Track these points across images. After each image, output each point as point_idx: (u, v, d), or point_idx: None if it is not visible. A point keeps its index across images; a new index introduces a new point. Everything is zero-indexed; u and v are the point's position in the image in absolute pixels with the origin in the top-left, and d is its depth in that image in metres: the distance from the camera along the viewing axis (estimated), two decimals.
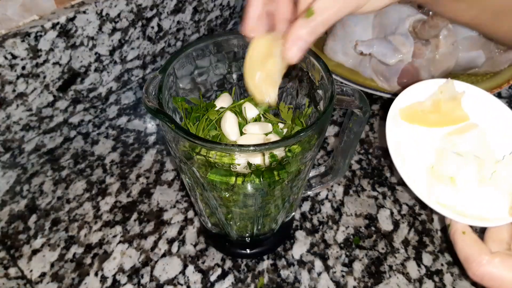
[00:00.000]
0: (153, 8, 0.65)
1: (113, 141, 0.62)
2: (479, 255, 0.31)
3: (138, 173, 0.58)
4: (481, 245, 0.32)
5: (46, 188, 0.56)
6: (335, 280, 0.49)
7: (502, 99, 0.70)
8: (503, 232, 0.33)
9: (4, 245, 0.51)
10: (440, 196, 0.33)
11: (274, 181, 0.38)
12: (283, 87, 0.47)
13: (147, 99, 0.35)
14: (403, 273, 0.50)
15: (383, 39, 0.61)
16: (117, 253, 0.51)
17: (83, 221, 0.53)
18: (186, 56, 0.40)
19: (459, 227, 0.33)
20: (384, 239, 0.53)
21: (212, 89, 0.46)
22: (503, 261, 0.30)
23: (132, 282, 0.48)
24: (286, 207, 0.45)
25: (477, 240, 0.33)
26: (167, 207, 0.55)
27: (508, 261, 0.30)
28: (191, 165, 0.37)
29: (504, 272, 0.30)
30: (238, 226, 0.46)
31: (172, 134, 0.36)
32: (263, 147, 0.33)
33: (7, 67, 0.53)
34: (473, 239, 0.32)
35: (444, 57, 0.61)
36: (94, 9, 0.58)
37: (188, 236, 0.52)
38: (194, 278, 0.49)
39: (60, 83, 0.60)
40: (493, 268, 0.30)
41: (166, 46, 0.72)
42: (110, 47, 0.63)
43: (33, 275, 0.48)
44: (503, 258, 0.31)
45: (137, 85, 0.71)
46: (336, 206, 0.56)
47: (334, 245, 0.52)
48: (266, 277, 0.49)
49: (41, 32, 0.54)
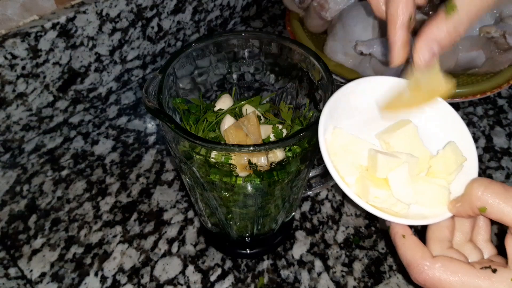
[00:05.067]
0: (153, 8, 0.65)
1: (113, 141, 0.62)
2: (420, 260, 0.31)
3: (138, 173, 0.58)
4: (422, 249, 0.31)
5: (46, 188, 0.56)
6: (335, 280, 0.49)
7: (502, 99, 0.70)
8: (444, 230, 0.33)
9: (4, 245, 0.51)
10: (376, 198, 0.32)
11: (274, 181, 0.38)
12: (283, 87, 0.47)
13: (147, 99, 0.35)
14: (403, 273, 0.50)
15: (383, 39, 0.61)
16: (117, 253, 0.51)
17: (83, 221, 0.53)
18: (186, 56, 0.40)
19: (399, 230, 0.33)
20: (384, 239, 0.53)
21: (212, 89, 0.46)
22: (444, 266, 0.30)
23: (132, 282, 0.48)
24: (286, 207, 0.45)
25: (418, 243, 0.32)
26: (167, 207, 0.55)
27: (449, 266, 0.30)
28: (191, 165, 0.37)
29: (446, 278, 0.30)
30: (238, 226, 0.46)
31: (172, 134, 0.36)
32: (263, 147, 0.33)
33: (7, 67, 0.53)
34: (414, 242, 0.32)
35: (444, 57, 0.61)
36: (94, 9, 0.58)
37: (188, 236, 0.52)
38: (194, 278, 0.49)
39: (60, 83, 0.60)
40: (435, 274, 0.30)
41: (166, 46, 0.72)
42: (110, 47, 0.63)
43: (33, 275, 0.48)
44: (444, 263, 0.30)
45: (137, 85, 0.71)
46: (336, 206, 0.56)
47: (334, 245, 0.52)
48: (266, 277, 0.49)
49: (41, 32, 0.54)
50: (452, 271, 0.30)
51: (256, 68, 0.46)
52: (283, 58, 0.43)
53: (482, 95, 0.64)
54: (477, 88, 0.64)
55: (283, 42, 0.42)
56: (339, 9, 0.66)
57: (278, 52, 0.43)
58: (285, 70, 0.44)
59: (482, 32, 0.61)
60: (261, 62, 0.45)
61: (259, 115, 0.44)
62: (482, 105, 0.69)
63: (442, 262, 0.30)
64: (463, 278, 0.29)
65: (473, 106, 0.69)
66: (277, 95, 0.47)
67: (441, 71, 0.32)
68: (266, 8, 0.86)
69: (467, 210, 0.31)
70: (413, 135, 0.34)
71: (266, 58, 0.44)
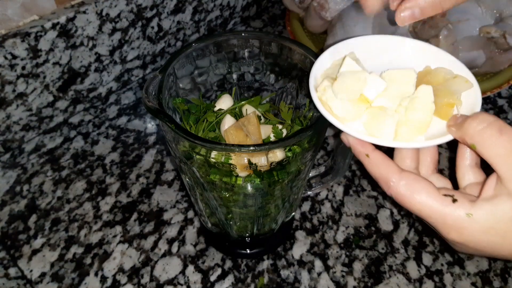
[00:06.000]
0: (153, 8, 0.65)
1: (113, 141, 0.62)
2: (387, 175, 0.30)
3: (138, 173, 0.58)
4: (388, 164, 0.31)
5: (46, 188, 0.56)
6: (335, 280, 0.49)
7: (502, 99, 0.70)
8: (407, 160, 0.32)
9: (4, 245, 0.51)
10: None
11: (274, 181, 0.38)
12: (283, 87, 0.47)
13: (147, 99, 0.35)
14: (403, 273, 0.50)
15: None
16: (117, 253, 0.51)
17: (83, 221, 0.53)
18: (186, 56, 0.40)
19: (361, 150, 0.32)
20: (384, 239, 0.53)
21: (212, 89, 0.46)
22: (408, 184, 0.29)
23: (132, 282, 0.48)
24: (286, 207, 0.45)
25: (384, 159, 0.31)
26: (167, 207, 0.55)
27: (413, 185, 0.29)
28: (191, 165, 0.37)
29: (409, 195, 0.29)
30: (238, 226, 0.46)
31: (172, 134, 0.36)
32: (263, 147, 0.33)
33: (7, 67, 0.53)
34: (380, 158, 0.31)
35: None
36: (94, 9, 0.58)
37: (188, 236, 0.52)
38: (194, 278, 0.49)
39: (60, 83, 0.60)
40: (399, 190, 0.30)
41: (166, 46, 0.72)
42: (110, 47, 0.63)
43: (33, 275, 0.48)
44: (409, 182, 0.30)
45: (137, 85, 0.71)
46: (336, 206, 0.56)
47: (334, 245, 0.52)
48: (266, 277, 0.49)
49: (41, 32, 0.54)
50: (416, 190, 0.29)
51: (256, 68, 0.46)
52: (283, 58, 0.43)
53: (482, 95, 0.64)
54: None
55: (283, 42, 0.42)
56: (339, 9, 0.66)
57: (278, 52, 0.43)
58: (285, 70, 0.44)
59: (482, 32, 0.61)
60: (261, 62, 0.45)
61: (259, 115, 0.44)
62: (482, 105, 0.69)
63: (407, 179, 0.30)
64: (424, 199, 0.29)
65: None
66: (277, 95, 0.47)
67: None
68: (266, 8, 0.86)
69: (460, 139, 0.30)
70: (409, 77, 0.33)
71: (266, 58, 0.44)
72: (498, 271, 0.50)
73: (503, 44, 0.60)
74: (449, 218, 0.28)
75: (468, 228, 0.28)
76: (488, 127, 0.27)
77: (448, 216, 0.28)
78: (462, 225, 0.28)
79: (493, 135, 0.27)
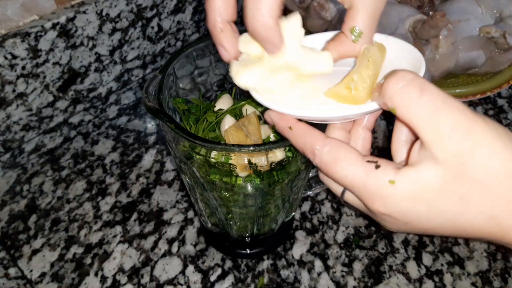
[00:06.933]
0: (153, 8, 0.65)
1: (113, 141, 0.62)
2: (311, 144, 0.28)
3: (138, 173, 0.58)
4: (312, 132, 0.29)
5: (46, 188, 0.56)
6: (335, 280, 0.49)
7: (502, 99, 0.70)
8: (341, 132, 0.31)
9: (4, 245, 0.51)
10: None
11: (274, 181, 0.38)
12: None
13: (147, 99, 0.35)
14: (403, 273, 0.50)
15: None
16: (117, 253, 0.51)
17: (83, 221, 0.53)
18: (186, 56, 0.40)
19: (284, 125, 0.30)
20: (384, 239, 0.53)
21: (212, 89, 0.46)
22: (331, 151, 0.27)
23: (132, 282, 0.48)
24: (286, 207, 0.45)
25: (307, 128, 0.29)
26: (167, 207, 0.55)
27: (336, 151, 0.27)
28: (191, 165, 0.37)
29: (331, 163, 0.27)
30: (238, 226, 0.46)
31: (172, 134, 0.36)
32: (263, 147, 0.33)
33: (7, 67, 0.53)
34: (303, 129, 0.29)
35: (444, 57, 0.61)
36: (94, 9, 0.58)
37: (188, 236, 0.52)
38: (194, 278, 0.49)
39: (60, 83, 0.60)
40: (322, 158, 0.28)
41: (166, 46, 0.72)
42: (110, 47, 0.64)
43: (33, 275, 0.48)
44: (333, 148, 0.28)
45: (137, 85, 0.71)
46: (336, 206, 0.56)
47: (334, 245, 0.52)
48: (266, 277, 0.49)
49: (41, 32, 0.54)
50: (338, 156, 0.27)
51: None
52: None
53: (482, 95, 0.64)
54: (477, 88, 0.64)
55: None
56: (339, 9, 0.66)
57: None
58: None
59: (482, 32, 0.61)
60: None
61: (259, 115, 0.44)
62: (482, 105, 0.69)
63: (331, 146, 0.28)
64: (346, 166, 0.27)
65: (473, 106, 0.69)
66: None
67: None
68: None
69: (383, 105, 0.27)
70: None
71: None
72: (498, 271, 0.50)
73: (503, 44, 0.60)
74: (371, 186, 0.26)
75: (391, 197, 0.26)
76: (407, 85, 0.24)
77: (370, 183, 0.26)
78: (385, 193, 0.26)
79: (413, 95, 0.24)
